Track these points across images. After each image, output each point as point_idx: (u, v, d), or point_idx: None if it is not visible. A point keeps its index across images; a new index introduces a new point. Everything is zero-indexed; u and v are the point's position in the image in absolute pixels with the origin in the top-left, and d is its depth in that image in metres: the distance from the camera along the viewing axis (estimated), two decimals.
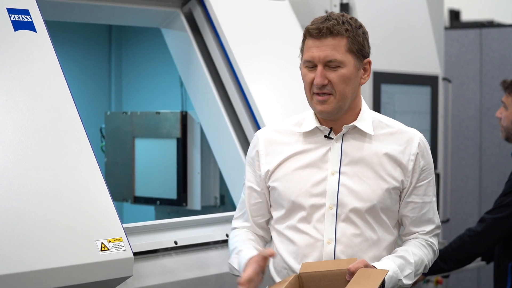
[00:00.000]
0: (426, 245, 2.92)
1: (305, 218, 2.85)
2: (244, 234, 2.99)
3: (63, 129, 3.02)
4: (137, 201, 4.66)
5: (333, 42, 2.77)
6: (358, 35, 2.81)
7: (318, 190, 2.84)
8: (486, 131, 6.56)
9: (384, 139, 2.87)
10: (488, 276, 6.32)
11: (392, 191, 2.84)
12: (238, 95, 3.94)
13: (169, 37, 4.22)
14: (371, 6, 4.55)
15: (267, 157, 2.93)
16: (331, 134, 2.87)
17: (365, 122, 2.87)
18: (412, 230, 2.93)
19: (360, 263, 2.66)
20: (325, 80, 2.77)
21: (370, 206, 2.81)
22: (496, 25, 6.75)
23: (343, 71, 2.77)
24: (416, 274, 2.86)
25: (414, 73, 4.71)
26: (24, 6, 3.13)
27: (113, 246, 2.92)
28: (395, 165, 2.84)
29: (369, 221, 2.83)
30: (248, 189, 2.99)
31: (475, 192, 6.60)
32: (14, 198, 2.77)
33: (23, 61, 3.03)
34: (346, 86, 2.79)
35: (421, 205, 2.89)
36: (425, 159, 2.88)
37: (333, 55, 2.76)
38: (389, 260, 2.80)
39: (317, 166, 2.86)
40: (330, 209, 2.82)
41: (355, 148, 2.85)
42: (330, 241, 2.82)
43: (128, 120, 4.66)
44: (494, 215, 4.05)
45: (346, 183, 2.83)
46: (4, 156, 2.83)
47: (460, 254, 4.15)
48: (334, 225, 2.82)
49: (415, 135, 2.90)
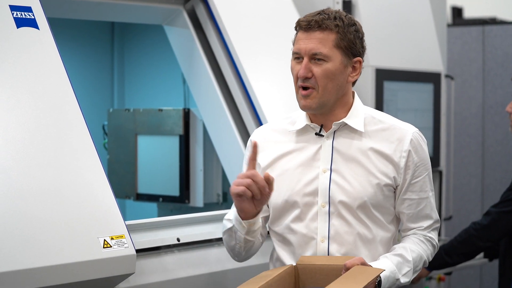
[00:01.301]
0: (425, 240, 2.91)
1: (298, 217, 2.86)
2: None
3: (66, 126, 3.02)
4: (139, 198, 4.66)
5: (321, 35, 2.77)
6: (349, 32, 2.79)
7: (310, 189, 2.85)
8: (488, 128, 6.56)
9: (375, 136, 2.86)
10: (491, 273, 6.32)
11: (384, 188, 2.83)
12: (241, 92, 3.94)
13: (171, 34, 4.22)
14: (373, 3, 4.54)
15: (260, 153, 2.92)
16: (322, 131, 2.86)
17: (355, 119, 2.86)
18: (410, 226, 2.92)
19: (357, 260, 2.67)
20: (308, 73, 2.78)
21: (360, 202, 2.81)
22: (499, 22, 6.74)
23: (328, 66, 2.77)
24: (415, 271, 2.86)
25: (417, 70, 4.71)
26: (26, 3, 3.13)
27: (115, 243, 2.92)
28: (387, 162, 2.83)
29: (362, 218, 2.82)
30: None
31: (477, 189, 6.60)
32: (16, 195, 2.77)
33: (25, 58, 3.03)
34: (330, 82, 2.78)
35: (417, 201, 2.88)
36: (419, 155, 2.86)
37: (319, 49, 2.76)
38: (386, 259, 2.79)
39: (309, 164, 2.86)
40: (322, 207, 2.83)
41: (346, 145, 2.85)
42: (323, 239, 2.82)
43: (130, 117, 4.66)
44: (500, 209, 4.06)
45: (337, 180, 2.82)
46: (7, 153, 2.83)
47: (465, 248, 4.16)
48: (327, 223, 2.82)
49: (408, 131, 2.87)
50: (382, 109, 4.39)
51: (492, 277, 6.30)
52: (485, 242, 4.13)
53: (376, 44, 4.46)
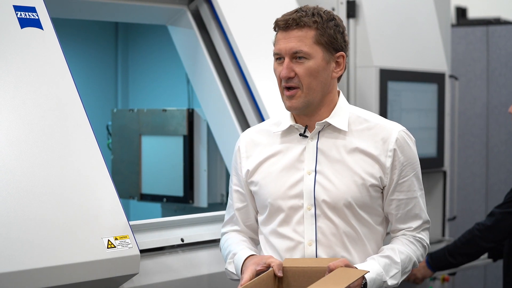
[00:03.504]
0: (415, 241, 2.84)
1: (284, 220, 2.80)
2: (235, 237, 2.96)
3: (70, 126, 3.02)
4: (143, 198, 4.67)
5: (300, 33, 2.73)
6: (328, 27, 2.74)
7: (295, 191, 2.79)
8: (493, 128, 6.55)
9: (359, 135, 2.80)
10: (495, 273, 6.32)
11: (370, 188, 2.76)
12: (245, 92, 3.94)
13: (175, 35, 4.22)
14: (377, 4, 4.54)
15: (248, 159, 2.90)
16: (306, 132, 2.81)
17: (338, 118, 2.80)
18: (399, 227, 2.85)
19: (340, 262, 2.62)
20: (291, 72, 2.73)
21: (345, 203, 2.74)
22: (503, 23, 6.74)
23: (310, 63, 2.73)
24: (404, 273, 2.80)
25: (421, 71, 4.71)
26: (30, 3, 3.13)
27: (119, 244, 2.92)
28: (372, 162, 2.77)
29: (348, 219, 2.76)
30: (234, 192, 2.96)
31: (481, 189, 6.59)
32: (20, 195, 2.77)
33: (29, 58, 3.04)
34: (313, 80, 2.74)
35: (406, 201, 2.81)
36: (405, 154, 2.79)
37: (299, 47, 2.72)
38: (374, 261, 2.74)
39: (294, 166, 2.81)
40: (308, 209, 2.77)
41: (330, 145, 2.79)
42: (311, 243, 2.77)
43: (134, 118, 4.67)
44: (504, 209, 4.06)
45: (322, 182, 2.77)
46: (11, 153, 2.83)
47: (469, 248, 4.15)
48: (314, 226, 2.77)
49: (393, 130, 2.80)
50: (386, 110, 4.39)
51: (496, 277, 6.29)
52: (489, 242, 4.12)
53: (380, 45, 4.46)
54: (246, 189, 2.92)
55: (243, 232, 2.98)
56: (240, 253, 2.83)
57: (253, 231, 2.98)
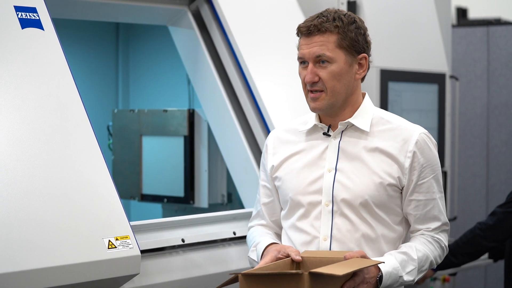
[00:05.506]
0: (433, 241, 2.89)
1: (303, 215, 2.88)
2: (260, 229, 3.05)
3: (70, 127, 3.02)
4: (144, 199, 4.67)
5: (322, 39, 2.80)
6: (349, 30, 2.81)
7: (315, 188, 2.87)
8: (493, 129, 6.55)
9: (381, 136, 2.87)
10: (496, 274, 6.31)
11: (388, 187, 2.82)
12: (246, 93, 3.94)
13: (176, 35, 4.23)
14: (378, 4, 4.54)
15: (274, 156, 2.99)
16: (329, 131, 2.89)
17: (362, 119, 2.88)
18: (417, 227, 2.90)
19: (357, 253, 2.69)
20: (315, 77, 2.80)
21: (362, 201, 2.81)
22: (504, 23, 6.74)
23: (333, 67, 2.80)
24: (421, 271, 2.84)
25: (422, 71, 4.71)
26: (31, 4, 3.13)
27: (120, 244, 2.92)
28: (391, 162, 2.83)
29: (365, 217, 2.82)
30: (261, 187, 3.06)
31: (482, 190, 6.60)
32: (21, 196, 2.77)
33: (30, 59, 3.04)
34: (337, 83, 2.81)
35: (424, 202, 2.86)
36: (425, 156, 2.84)
37: (321, 51, 2.79)
38: (391, 256, 2.78)
39: (316, 163, 2.89)
40: (326, 206, 2.84)
41: (351, 144, 2.87)
42: (326, 238, 2.84)
43: (135, 118, 4.67)
44: (505, 209, 4.06)
45: (341, 179, 2.84)
46: (12, 154, 2.83)
47: (470, 248, 4.16)
48: (330, 222, 2.84)
49: (415, 132, 2.87)
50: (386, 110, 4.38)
51: (497, 278, 6.29)
52: (491, 242, 4.13)
53: (380, 45, 4.46)
54: (272, 185, 3.01)
55: (269, 226, 3.06)
56: (262, 242, 2.92)
57: (278, 226, 3.05)
